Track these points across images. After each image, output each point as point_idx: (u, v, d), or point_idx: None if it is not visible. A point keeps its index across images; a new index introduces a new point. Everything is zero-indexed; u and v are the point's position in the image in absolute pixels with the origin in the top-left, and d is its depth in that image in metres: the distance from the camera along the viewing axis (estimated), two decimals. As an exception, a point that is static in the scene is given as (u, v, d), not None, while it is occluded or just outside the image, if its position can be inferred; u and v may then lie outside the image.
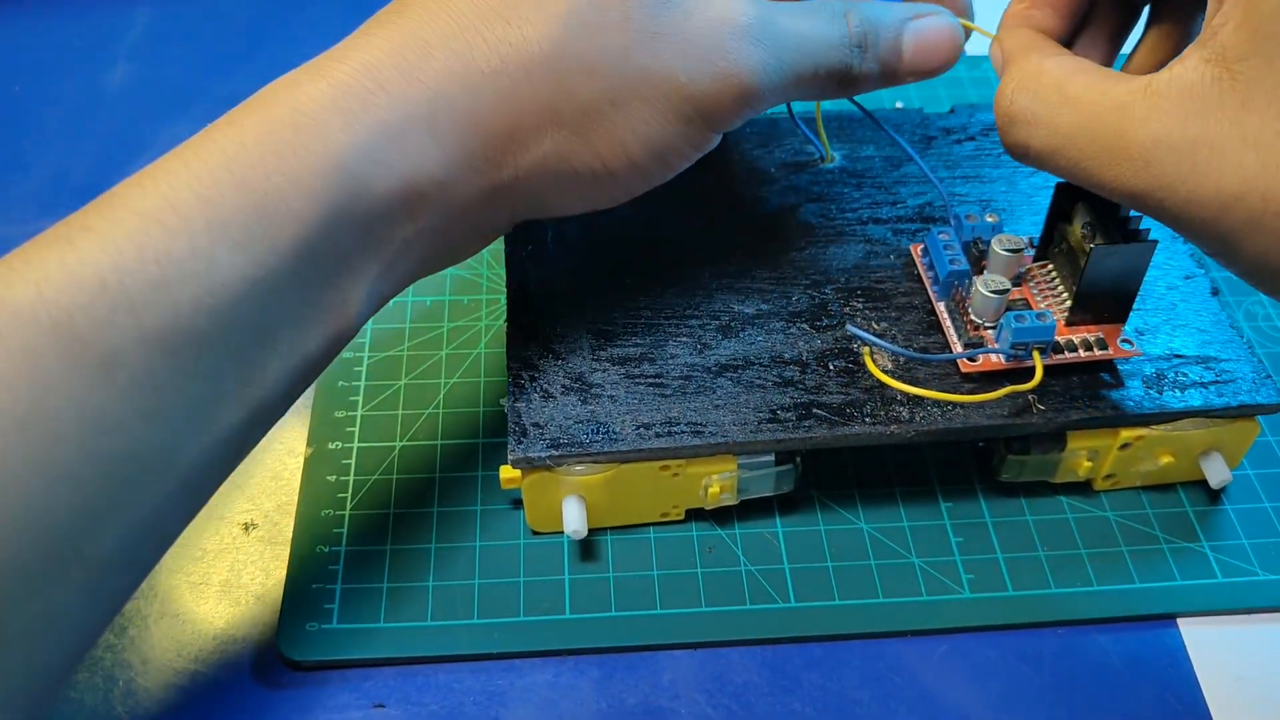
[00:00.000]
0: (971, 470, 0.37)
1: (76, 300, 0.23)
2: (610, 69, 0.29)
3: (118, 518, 0.24)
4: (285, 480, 0.37)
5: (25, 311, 0.23)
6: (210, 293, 0.25)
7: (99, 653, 0.32)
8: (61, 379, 0.23)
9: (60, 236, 0.24)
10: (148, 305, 0.24)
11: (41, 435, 0.23)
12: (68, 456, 0.23)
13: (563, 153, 0.29)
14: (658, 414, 0.33)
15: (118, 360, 0.24)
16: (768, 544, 0.35)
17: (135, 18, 0.55)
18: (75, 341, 0.23)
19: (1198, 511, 0.36)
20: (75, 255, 0.24)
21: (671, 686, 0.32)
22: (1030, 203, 0.39)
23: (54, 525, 0.23)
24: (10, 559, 0.23)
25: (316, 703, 0.31)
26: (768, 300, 0.36)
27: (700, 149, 0.32)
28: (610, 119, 0.29)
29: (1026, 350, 0.33)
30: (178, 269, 0.24)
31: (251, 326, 0.26)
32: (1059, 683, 0.32)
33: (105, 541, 0.24)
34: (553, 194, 0.31)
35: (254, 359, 0.26)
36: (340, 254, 0.27)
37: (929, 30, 0.33)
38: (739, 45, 0.30)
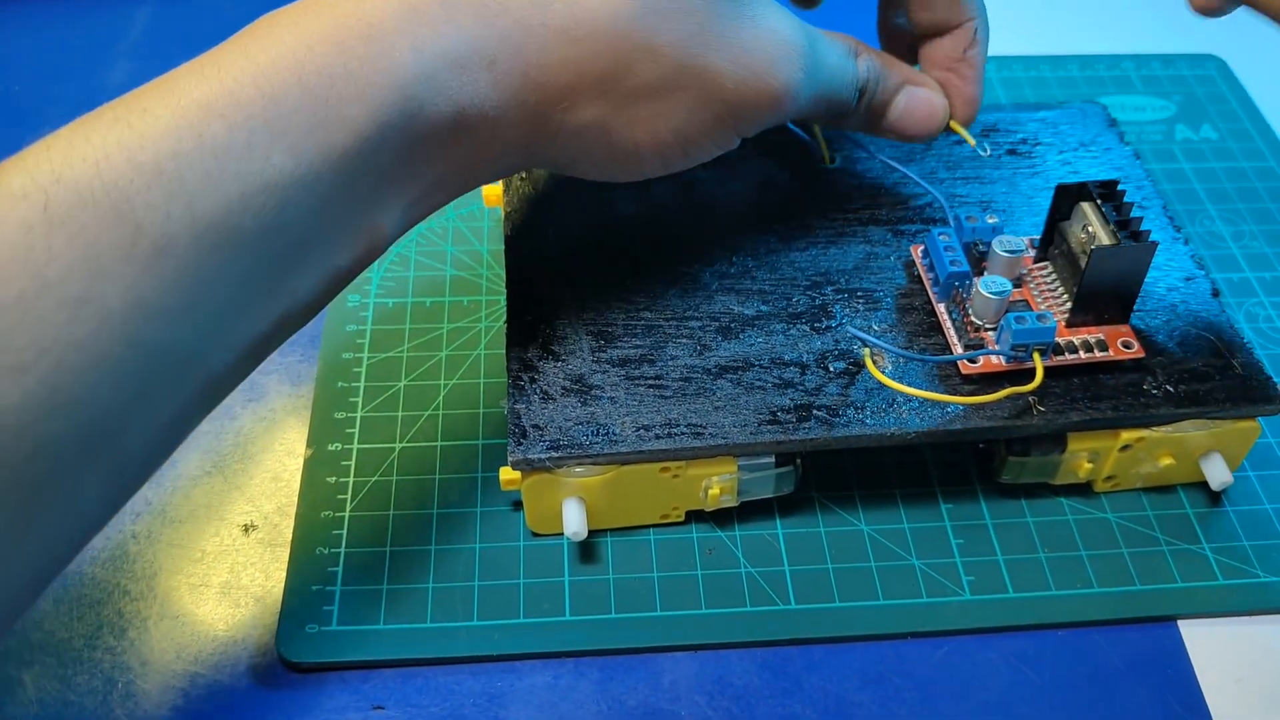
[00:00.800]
0: (972, 472, 0.37)
1: (135, 184, 0.23)
2: (669, 55, 0.30)
3: (148, 410, 0.25)
4: (285, 482, 0.37)
5: (85, 192, 0.23)
6: (260, 191, 0.25)
7: (98, 654, 0.32)
8: (115, 264, 0.23)
9: (119, 118, 0.24)
10: (201, 197, 0.24)
11: (91, 319, 0.23)
12: (112, 343, 0.23)
13: (605, 124, 0.30)
14: (658, 416, 0.33)
15: (168, 250, 0.24)
16: (768, 546, 0.35)
17: (135, 17, 0.55)
18: (131, 227, 0.23)
19: (1198, 513, 0.36)
20: (135, 139, 0.24)
21: (672, 688, 0.32)
22: (1030, 204, 0.39)
23: (92, 410, 0.23)
24: (49, 438, 0.23)
25: (316, 704, 0.31)
26: (768, 302, 0.36)
27: (722, 148, 0.33)
28: (655, 102, 0.30)
29: (1027, 351, 0.33)
30: (233, 164, 0.24)
31: (292, 232, 0.26)
32: (1059, 684, 0.32)
33: (133, 433, 0.25)
34: (580, 158, 0.32)
35: (289, 264, 0.26)
36: (381, 171, 0.27)
37: (920, 101, 0.36)
38: (786, 65, 0.31)
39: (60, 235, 0.23)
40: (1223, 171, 0.48)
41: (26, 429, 0.22)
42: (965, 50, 0.37)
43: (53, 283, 0.22)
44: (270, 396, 0.39)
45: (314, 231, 0.27)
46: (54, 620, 0.33)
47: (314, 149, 0.25)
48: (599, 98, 0.30)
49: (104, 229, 0.23)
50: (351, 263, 0.28)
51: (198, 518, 0.36)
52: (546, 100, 0.29)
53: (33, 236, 0.22)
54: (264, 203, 0.25)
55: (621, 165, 0.32)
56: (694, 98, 0.31)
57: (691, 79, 0.30)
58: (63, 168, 0.23)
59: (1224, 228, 0.45)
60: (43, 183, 0.23)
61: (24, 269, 0.22)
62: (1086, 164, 0.41)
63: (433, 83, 0.27)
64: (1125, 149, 0.42)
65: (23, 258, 0.22)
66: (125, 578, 0.34)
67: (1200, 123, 0.51)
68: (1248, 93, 0.52)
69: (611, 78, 0.29)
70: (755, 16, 0.31)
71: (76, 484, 0.24)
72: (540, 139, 0.30)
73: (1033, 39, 0.55)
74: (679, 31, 0.29)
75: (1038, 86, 0.52)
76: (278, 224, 0.25)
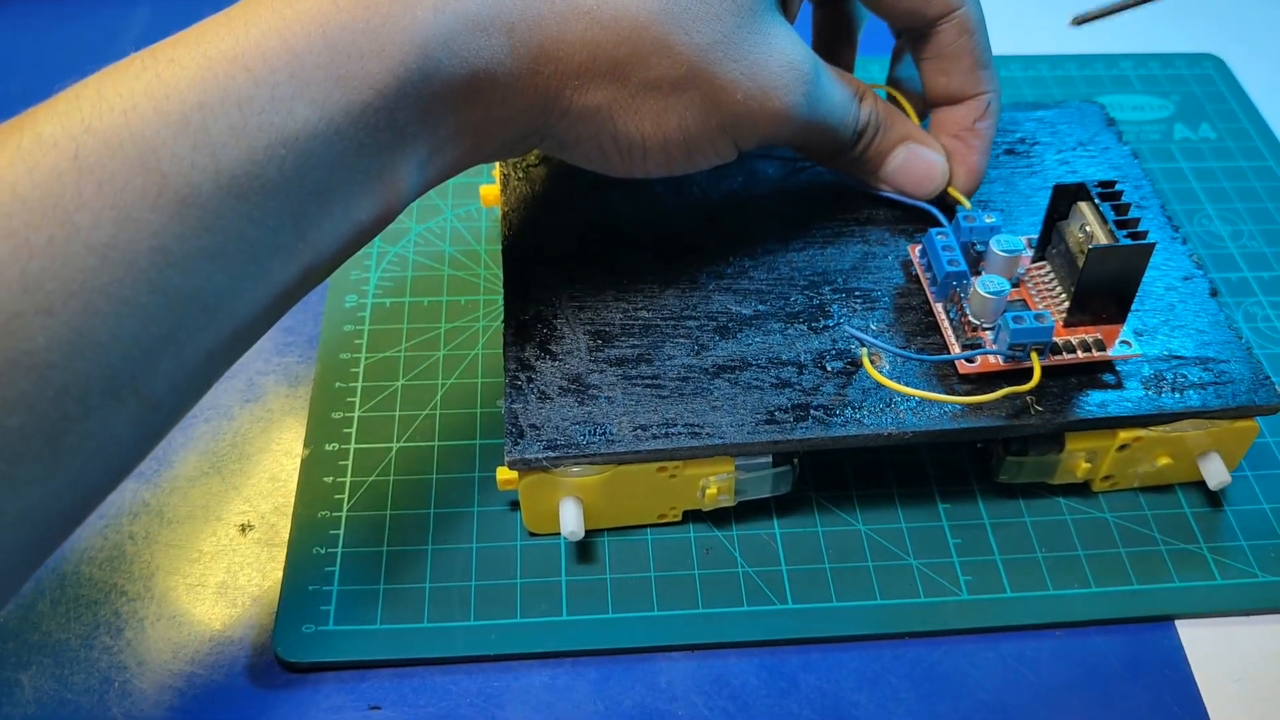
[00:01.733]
0: (969, 471, 0.37)
1: (161, 135, 0.24)
2: (686, 56, 0.30)
3: (173, 356, 0.25)
4: (282, 482, 0.37)
5: (113, 141, 0.24)
6: (284, 144, 0.25)
7: (95, 654, 0.32)
8: (141, 212, 0.24)
9: (147, 68, 0.25)
10: (225, 148, 0.25)
11: (118, 265, 0.24)
12: (138, 289, 0.24)
13: (612, 111, 0.31)
14: (655, 415, 0.33)
15: (193, 199, 0.24)
16: (765, 545, 0.35)
17: (135, 16, 0.55)
18: (158, 176, 0.24)
19: (1196, 513, 0.36)
20: (162, 89, 0.24)
21: (669, 689, 0.32)
22: (1028, 203, 0.39)
23: (118, 353, 0.24)
24: (76, 380, 0.24)
25: (312, 704, 0.31)
26: (765, 301, 0.36)
27: (722, 158, 0.34)
28: (664, 100, 0.31)
29: (1024, 351, 0.33)
30: (258, 117, 0.25)
31: (314, 184, 0.26)
32: (1057, 684, 0.32)
33: (159, 377, 0.25)
34: (584, 141, 0.32)
35: (311, 217, 0.27)
36: (398, 128, 0.28)
37: (919, 160, 0.37)
38: (793, 89, 0.32)
39: (89, 182, 0.23)
40: (1221, 171, 0.48)
41: (53, 370, 0.23)
42: (976, 121, 0.37)
43: (82, 228, 0.23)
44: (267, 396, 0.39)
45: (334, 185, 0.27)
46: (51, 620, 0.33)
47: (336, 103, 0.26)
48: (611, 83, 0.30)
49: (131, 177, 0.24)
50: (372, 218, 0.29)
51: (195, 518, 0.36)
52: (560, 76, 0.30)
53: (63, 183, 0.23)
54: (286, 155, 0.25)
55: (624, 157, 0.32)
56: (702, 102, 0.31)
57: (703, 83, 0.31)
58: (92, 117, 0.24)
59: (1222, 227, 0.45)
60: (73, 131, 0.24)
61: (54, 215, 0.23)
62: (1084, 163, 0.41)
63: (452, 43, 0.27)
64: (1123, 148, 0.42)
65: (54, 204, 0.23)
66: (122, 578, 0.34)
67: (1198, 122, 0.51)
68: (1246, 92, 0.52)
69: (626, 66, 0.30)
70: (772, 38, 0.32)
71: (103, 425, 0.25)
72: (549, 115, 0.31)
73: (1031, 38, 0.55)
74: (700, 35, 0.30)
75: (1036, 86, 0.52)
76: (299, 176, 0.26)
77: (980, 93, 0.37)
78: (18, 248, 0.23)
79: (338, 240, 0.28)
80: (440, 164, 0.30)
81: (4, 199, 0.23)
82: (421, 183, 0.30)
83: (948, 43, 0.36)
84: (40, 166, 0.23)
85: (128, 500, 0.36)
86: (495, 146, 0.31)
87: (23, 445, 0.23)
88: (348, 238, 0.29)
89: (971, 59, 0.36)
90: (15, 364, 0.23)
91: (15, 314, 0.23)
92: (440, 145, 0.29)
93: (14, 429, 0.23)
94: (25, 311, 0.23)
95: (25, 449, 0.23)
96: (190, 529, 0.35)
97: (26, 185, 0.23)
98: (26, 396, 0.23)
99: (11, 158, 0.23)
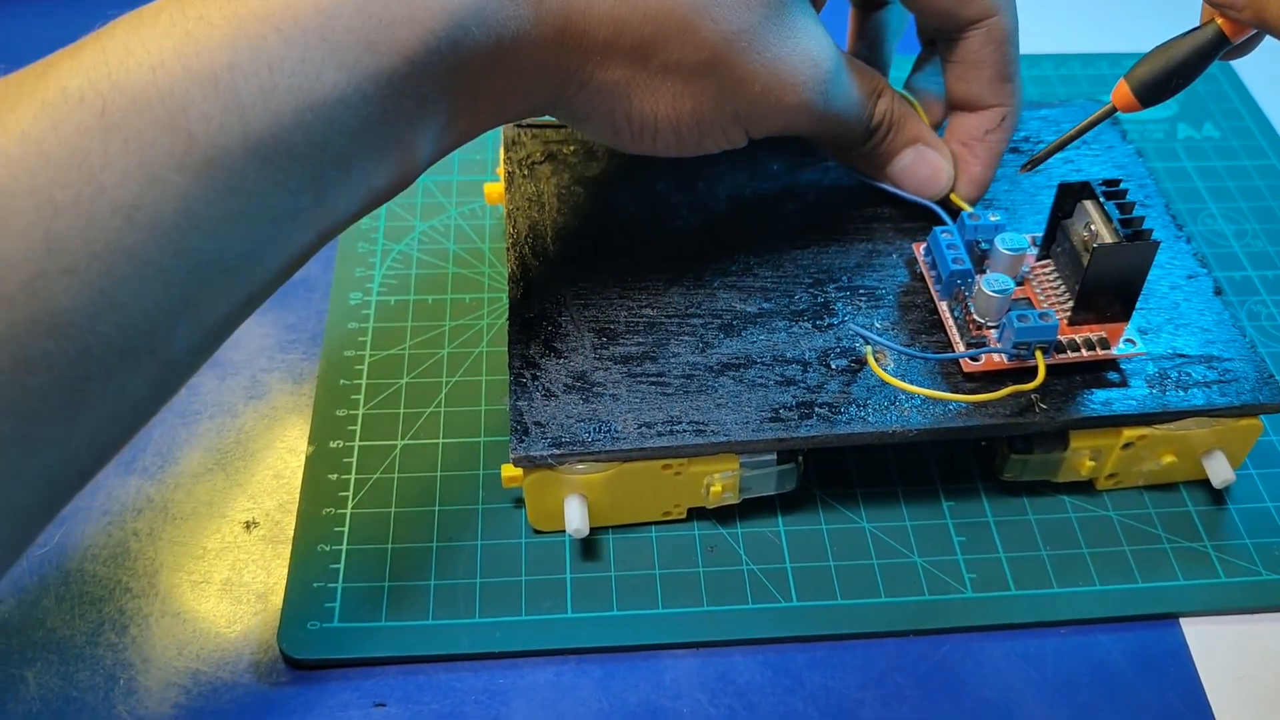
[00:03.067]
0: (974, 469, 0.37)
1: (190, 94, 0.23)
2: (710, 44, 0.30)
3: (191, 318, 0.25)
4: (287, 479, 0.37)
5: (141, 98, 0.23)
6: (311, 108, 0.25)
7: (100, 651, 0.32)
8: (168, 172, 0.23)
9: (177, 24, 0.24)
10: (254, 109, 0.24)
11: (142, 227, 0.23)
12: (161, 251, 0.24)
13: (630, 88, 0.31)
14: (660, 413, 0.33)
15: (220, 161, 0.24)
16: (770, 543, 0.35)
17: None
18: (185, 137, 0.23)
19: (1200, 511, 0.36)
20: (193, 47, 0.24)
21: (673, 686, 0.32)
22: (1033, 202, 0.39)
23: (139, 314, 0.24)
24: (97, 340, 0.23)
25: (317, 701, 0.31)
26: (770, 299, 0.36)
27: (732, 144, 0.34)
28: (682, 84, 0.31)
29: (1029, 349, 0.33)
30: (287, 79, 0.24)
31: (336, 149, 0.26)
32: (1061, 682, 0.32)
33: (177, 339, 0.25)
34: (599, 114, 0.32)
35: (330, 181, 0.27)
36: (420, 95, 0.27)
37: (926, 163, 0.37)
38: (812, 87, 0.32)
39: (116, 141, 0.23)
40: (1225, 170, 0.48)
41: (76, 330, 0.23)
42: (987, 132, 0.37)
43: (107, 188, 0.23)
44: (272, 394, 0.39)
45: (355, 150, 0.27)
46: (56, 617, 0.33)
47: (365, 68, 0.26)
48: (632, 61, 0.30)
49: (158, 136, 0.23)
50: (388, 185, 0.29)
51: (199, 515, 0.36)
52: (583, 50, 0.30)
53: (89, 140, 0.23)
54: (313, 119, 0.25)
55: (635, 134, 0.33)
56: (719, 89, 0.31)
57: (724, 72, 0.31)
58: (119, 72, 0.23)
59: (1226, 226, 0.45)
60: (100, 87, 0.23)
61: (80, 173, 0.23)
62: (1089, 162, 0.41)
63: (480, 12, 0.27)
64: (1128, 147, 0.42)
65: (80, 161, 0.23)
66: (127, 575, 0.34)
67: (1202, 121, 0.51)
68: (1250, 91, 0.52)
69: (649, 46, 0.30)
70: (798, 31, 0.32)
71: (122, 383, 0.24)
72: (567, 87, 0.31)
73: (1035, 37, 0.55)
74: (727, 24, 0.30)
75: (1040, 84, 0.52)
76: (324, 140, 0.26)
77: (998, 105, 0.37)
78: (42, 205, 0.22)
79: (354, 204, 0.28)
80: (456, 131, 0.30)
81: (29, 156, 0.22)
82: (437, 150, 0.30)
83: (975, 49, 0.36)
84: (66, 123, 0.23)
85: (132, 497, 0.36)
86: (510, 114, 0.31)
87: (43, 405, 0.23)
88: (364, 202, 0.28)
89: (995, 70, 0.36)
90: (38, 323, 0.22)
91: (39, 274, 0.22)
92: (458, 113, 0.29)
93: (35, 389, 0.23)
94: (49, 271, 0.22)
95: (45, 409, 0.23)
96: (195, 526, 0.35)
97: (51, 141, 0.22)
98: (49, 356, 0.23)
99: (36, 112, 0.23)
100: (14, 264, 0.22)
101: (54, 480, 0.25)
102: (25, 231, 0.22)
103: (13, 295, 0.22)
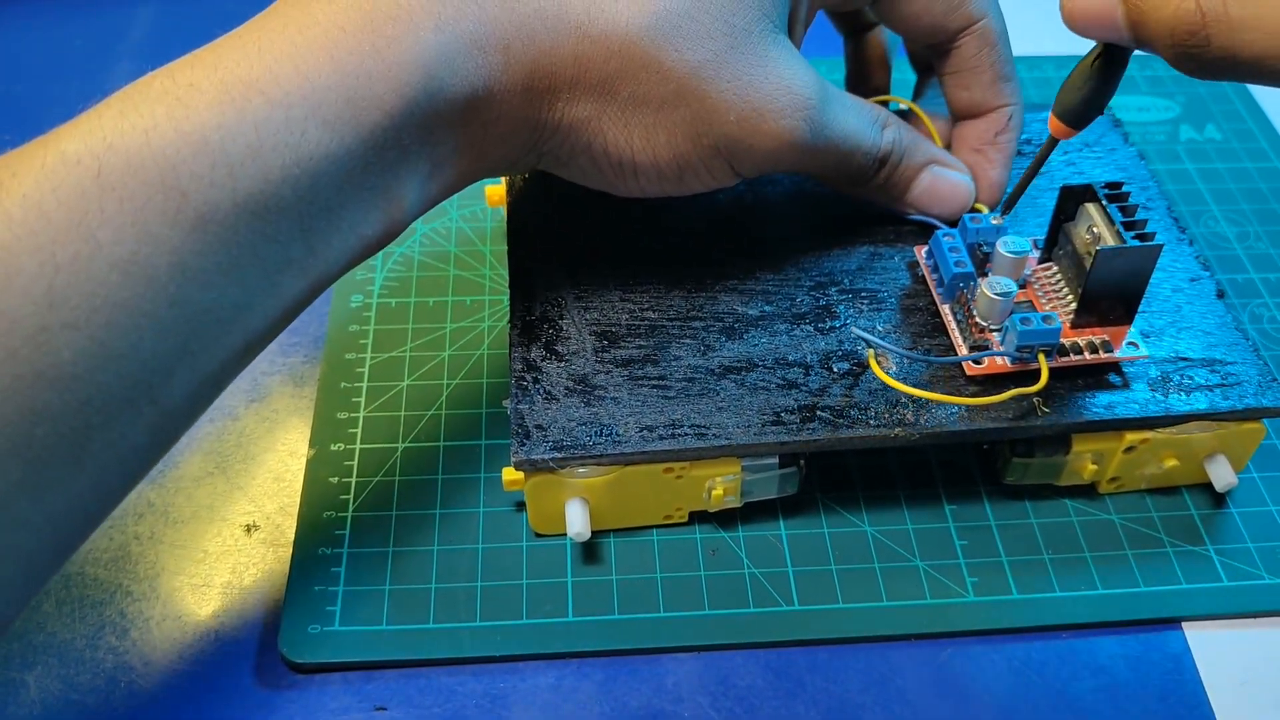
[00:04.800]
0: (976, 473, 0.37)
1: (182, 154, 0.25)
2: (675, 75, 0.30)
3: (188, 366, 0.26)
4: (287, 482, 0.37)
5: (135, 160, 0.24)
6: (297, 164, 0.26)
7: (100, 655, 0.32)
8: (162, 229, 0.24)
9: (168, 91, 0.26)
10: (243, 167, 0.25)
11: (139, 280, 0.24)
12: (157, 303, 0.25)
13: (601, 124, 0.31)
14: (661, 416, 0.33)
15: (211, 216, 0.25)
16: (771, 547, 0.35)
17: (138, 17, 0.55)
18: (177, 195, 0.25)
19: (1203, 515, 0.36)
20: (183, 112, 0.25)
21: (675, 690, 0.32)
22: (1034, 205, 0.39)
23: (138, 363, 0.25)
24: (98, 391, 0.24)
25: (318, 705, 0.31)
26: (771, 302, 0.36)
27: (719, 182, 0.34)
28: (654, 116, 0.31)
29: (1032, 352, 0.33)
30: (272, 138, 0.26)
31: (324, 201, 0.27)
32: (1063, 686, 0.32)
33: (175, 388, 0.26)
34: (578, 156, 0.32)
35: (320, 232, 0.28)
36: (403, 146, 0.28)
37: (945, 182, 0.37)
38: (792, 118, 0.32)
39: (112, 200, 0.24)
40: (1227, 172, 0.48)
41: (78, 381, 0.24)
42: (997, 135, 0.37)
43: (104, 245, 0.24)
44: (273, 397, 0.39)
45: (343, 202, 0.28)
46: (56, 621, 0.33)
47: (346, 123, 0.27)
48: (600, 96, 0.31)
49: (152, 195, 0.24)
50: (377, 234, 0.29)
51: (200, 518, 0.36)
52: (551, 90, 0.30)
53: (87, 201, 0.24)
54: (300, 174, 0.26)
55: (615, 172, 0.33)
56: (693, 121, 0.31)
57: (694, 102, 0.31)
58: (114, 136, 0.24)
59: (1228, 228, 0.45)
60: (96, 150, 0.24)
61: (79, 231, 0.24)
62: (1090, 164, 0.41)
63: (452, 63, 0.28)
64: (1129, 149, 0.42)
65: (78, 221, 0.24)
66: (128, 578, 0.34)
67: (1204, 123, 0.50)
68: (1251, 93, 0.52)
69: (615, 80, 0.30)
70: (770, 61, 0.31)
71: (123, 431, 0.25)
72: (542, 130, 0.31)
73: (1036, 39, 0.55)
74: (691, 54, 0.30)
75: (1042, 87, 0.52)
76: (311, 193, 0.27)
77: (1001, 105, 0.37)
78: (44, 263, 0.23)
79: (345, 254, 0.29)
80: (441, 181, 0.31)
81: (31, 217, 0.23)
82: (424, 199, 0.31)
83: (969, 55, 0.36)
84: (65, 184, 0.24)
85: (132, 500, 0.36)
86: (494, 163, 0.32)
87: (48, 454, 0.24)
88: (355, 251, 0.29)
89: (992, 72, 0.36)
90: (41, 376, 0.23)
91: (42, 328, 0.23)
92: (441, 162, 0.30)
93: (40, 438, 0.24)
94: (51, 326, 0.23)
95: (50, 457, 0.24)
96: (195, 529, 0.35)
97: (51, 203, 0.24)
98: (51, 407, 0.24)
99: (37, 176, 0.24)
100: (19, 320, 0.23)
101: (61, 526, 0.26)
102: (29, 288, 0.23)
103: (17, 350, 0.23)
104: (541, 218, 0.38)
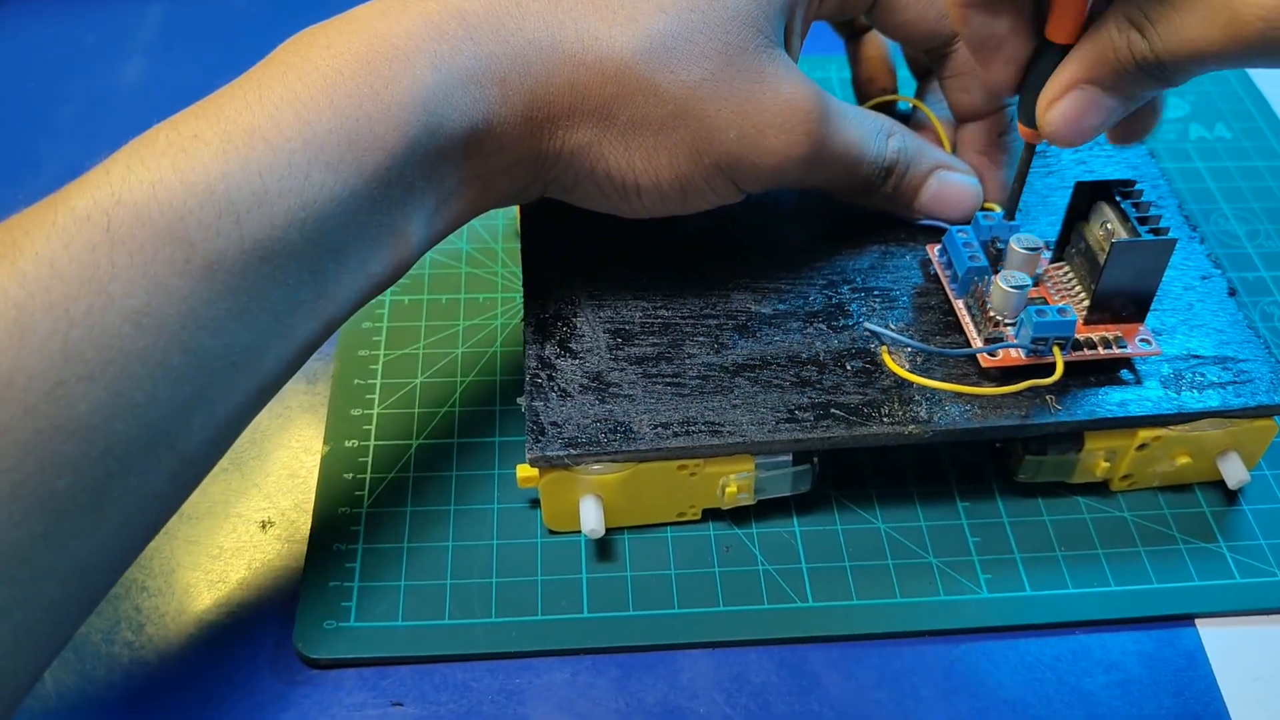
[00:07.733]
0: (989, 470, 0.37)
1: (188, 205, 0.25)
2: (672, 97, 0.31)
3: (204, 412, 0.27)
4: (302, 478, 0.37)
5: (143, 213, 0.25)
6: (303, 208, 0.26)
7: (116, 650, 0.32)
8: (171, 279, 0.25)
9: (172, 143, 0.26)
10: (249, 214, 0.26)
11: (151, 331, 0.25)
12: (170, 352, 0.25)
13: (603, 149, 0.31)
14: (675, 413, 0.33)
15: (220, 264, 0.25)
16: (785, 544, 0.35)
17: (148, 14, 0.55)
18: (185, 245, 0.25)
19: (1215, 512, 0.36)
20: (188, 163, 0.26)
21: (689, 686, 0.32)
22: (1045, 203, 0.39)
23: (154, 411, 0.25)
24: (117, 441, 0.25)
25: (334, 700, 0.31)
26: (785, 300, 0.36)
27: (723, 199, 0.34)
28: (654, 137, 0.31)
29: (1047, 345, 0.33)
30: (277, 184, 0.26)
31: (331, 243, 0.28)
32: (1076, 683, 0.32)
33: (193, 433, 0.27)
34: (582, 182, 0.33)
35: (329, 273, 0.28)
36: (407, 183, 0.29)
37: (953, 186, 0.37)
38: (794, 132, 0.32)
39: (122, 253, 0.24)
40: (1237, 170, 0.48)
41: (96, 432, 0.24)
42: (1000, 135, 0.37)
43: (116, 298, 0.24)
44: (286, 394, 0.39)
45: (350, 242, 0.28)
46: (72, 616, 0.33)
47: (349, 165, 0.27)
48: (599, 122, 0.31)
49: (160, 246, 0.25)
50: (385, 271, 0.30)
51: (215, 515, 0.36)
52: (550, 119, 0.31)
53: (97, 255, 0.24)
54: (305, 217, 0.27)
55: (620, 195, 0.33)
56: (693, 140, 0.31)
57: (692, 122, 0.31)
58: (122, 190, 0.25)
59: (1239, 227, 0.45)
60: (105, 205, 0.25)
61: (90, 286, 0.24)
62: (1101, 163, 0.41)
63: (450, 99, 0.29)
64: (1140, 148, 0.42)
65: (89, 275, 0.24)
66: (143, 574, 0.34)
67: (1214, 122, 0.51)
68: (1261, 92, 0.52)
69: (612, 105, 0.31)
70: (768, 77, 0.31)
71: (143, 478, 0.26)
72: (544, 159, 0.31)
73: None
74: (687, 74, 0.30)
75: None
76: (318, 236, 0.27)
77: (1002, 106, 0.37)
78: (58, 319, 0.24)
79: (355, 293, 0.29)
80: (447, 215, 0.31)
81: (44, 274, 0.24)
82: (430, 234, 0.31)
83: (966, 59, 0.36)
84: (76, 241, 0.24)
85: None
86: (499, 194, 0.32)
87: (70, 505, 0.24)
88: (364, 290, 0.30)
89: None
90: (60, 429, 0.24)
91: (59, 382, 0.24)
92: (446, 197, 0.30)
93: (62, 490, 0.24)
94: (68, 380, 0.24)
95: (72, 508, 0.24)
96: (210, 525, 0.35)
97: (64, 260, 0.24)
98: (72, 459, 0.24)
99: (49, 233, 0.24)
100: (36, 375, 0.23)
101: (87, 574, 0.26)
102: (44, 344, 0.24)
103: (36, 405, 0.23)
104: (554, 215, 0.38)
